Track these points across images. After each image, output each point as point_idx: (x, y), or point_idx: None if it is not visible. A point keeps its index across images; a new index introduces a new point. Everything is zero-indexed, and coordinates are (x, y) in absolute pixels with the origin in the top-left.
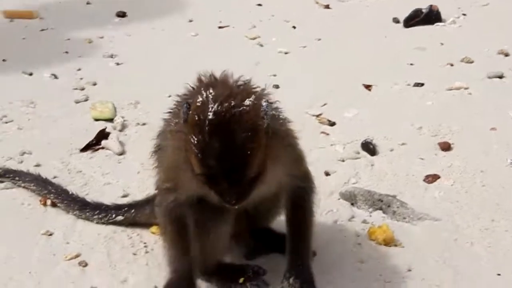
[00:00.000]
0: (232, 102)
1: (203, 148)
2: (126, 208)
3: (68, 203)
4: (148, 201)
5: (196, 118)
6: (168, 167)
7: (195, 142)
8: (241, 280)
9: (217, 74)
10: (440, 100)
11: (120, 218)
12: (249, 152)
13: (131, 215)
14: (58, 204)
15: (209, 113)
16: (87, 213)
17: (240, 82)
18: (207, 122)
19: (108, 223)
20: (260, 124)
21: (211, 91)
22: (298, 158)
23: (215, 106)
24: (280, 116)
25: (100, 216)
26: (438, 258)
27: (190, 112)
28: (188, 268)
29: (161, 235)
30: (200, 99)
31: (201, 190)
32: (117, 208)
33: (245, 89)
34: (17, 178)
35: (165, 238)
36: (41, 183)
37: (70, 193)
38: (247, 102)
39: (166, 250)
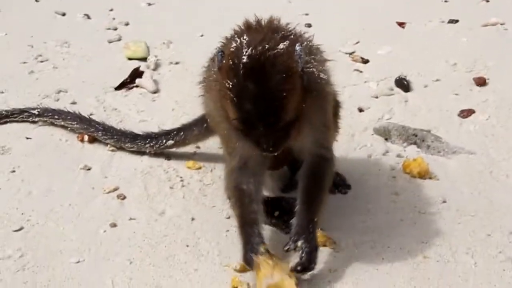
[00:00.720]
0: (266, 45)
1: (237, 91)
2: (175, 132)
3: (118, 137)
4: (196, 122)
5: (230, 63)
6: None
7: (230, 86)
8: (276, 213)
9: (251, 19)
10: (475, 36)
11: (170, 142)
12: (284, 94)
13: (181, 137)
14: (107, 141)
15: (243, 57)
16: (139, 143)
17: (274, 26)
18: (241, 65)
19: (160, 149)
20: (294, 67)
21: (245, 36)
22: (328, 126)
23: (249, 50)
24: (323, 76)
25: (151, 144)
26: (473, 190)
27: (224, 58)
28: (258, 240)
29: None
30: (234, 45)
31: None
32: (167, 133)
33: (279, 33)
34: (56, 117)
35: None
36: (85, 121)
37: (118, 128)
38: (280, 46)
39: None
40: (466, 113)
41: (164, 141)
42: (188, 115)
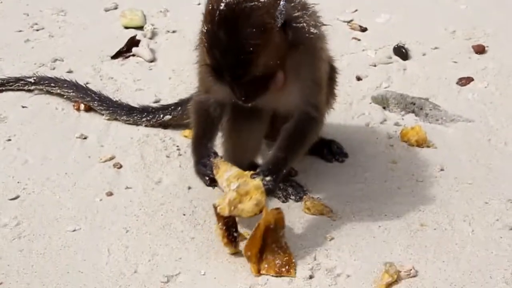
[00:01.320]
0: None
1: (209, 38)
2: (172, 107)
3: (114, 109)
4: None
5: (210, 8)
6: (199, 72)
7: (204, 31)
8: None
9: None
10: (474, 3)
11: (168, 117)
12: (253, 49)
13: (178, 112)
14: (103, 111)
15: (221, 4)
16: (135, 117)
17: None
18: (217, 13)
19: (156, 124)
20: (271, 22)
21: None
22: (318, 83)
23: None
24: (314, 31)
25: (148, 118)
26: (471, 158)
27: (208, 2)
28: (207, 151)
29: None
30: None
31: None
32: (164, 108)
33: None
34: (52, 85)
35: (191, 128)
36: (82, 90)
37: (114, 100)
38: None
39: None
40: (464, 81)
41: (161, 115)
42: (185, 84)
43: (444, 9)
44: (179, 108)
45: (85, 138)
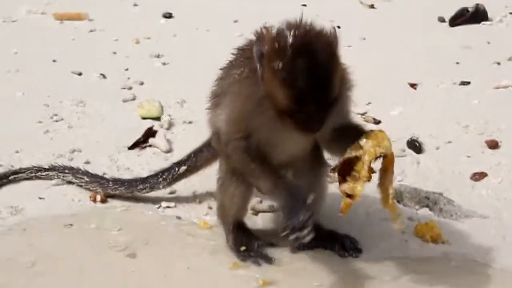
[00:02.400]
0: (306, 27)
1: (289, 70)
2: (185, 159)
3: (128, 184)
4: (204, 146)
5: (276, 46)
6: (238, 117)
7: (279, 66)
8: (242, 248)
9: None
10: (487, 98)
11: (183, 168)
12: (333, 70)
13: (193, 162)
14: (118, 190)
15: (288, 38)
16: (152, 182)
17: None
18: (288, 45)
19: (174, 179)
20: (336, 43)
21: (279, 26)
22: (348, 114)
23: (293, 32)
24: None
25: (164, 176)
26: (485, 255)
27: (265, 45)
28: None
29: (248, 176)
30: (274, 31)
31: (276, 130)
32: (178, 163)
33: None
34: (66, 171)
35: (252, 174)
36: (93, 176)
37: (124, 178)
38: (318, 27)
39: (260, 182)
40: (478, 176)
41: (177, 169)
42: (200, 176)
43: (457, 103)
44: (193, 157)
45: (100, 228)
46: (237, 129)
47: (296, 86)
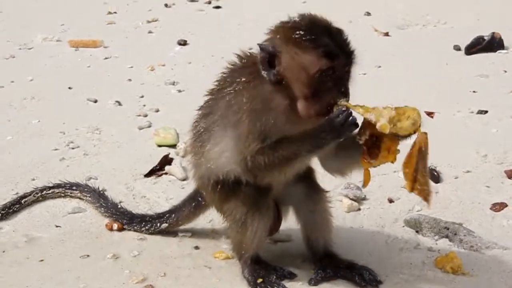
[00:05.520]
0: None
1: (312, 33)
2: (167, 215)
3: (117, 217)
4: (185, 203)
5: (289, 25)
6: (249, 125)
7: (301, 38)
8: (259, 280)
9: None
10: (506, 127)
11: (164, 225)
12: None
13: (173, 220)
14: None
15: (297, 18)
16: (135, 226)
17: None
18: (300, 21)
19: (155, 232)
20: None
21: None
22: None
23: (298, 16)
24: None
25: (147, 227)
26: (508, 287)
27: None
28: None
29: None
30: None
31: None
32: (160, 216)
33: None
34: (74, 188)
35: (285, 160)
36: (94, 195)
37: (119, 206)
38: None
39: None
40: (498, 207)
41: (158, 224)
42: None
43: (475, 132)
44: (173, 215)
45: (117, 258)
46: (252, 139)
47: (324, 43)
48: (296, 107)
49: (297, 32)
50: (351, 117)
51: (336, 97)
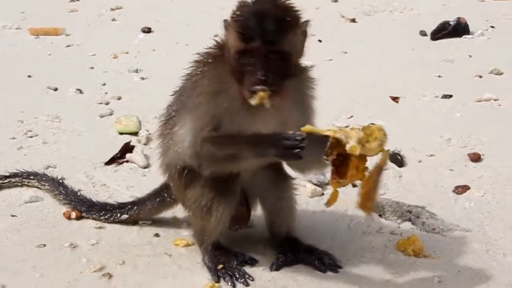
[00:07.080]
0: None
1: (241, 15)
2: (129, 206)
3: (76, 204)
4: (149, 197)
5: (237, 6)
6: (203, 106)
7: (235, 19)
8: (220, 266)
9: None
10: (469, 111)
11: (125, 216)
12: (285, 22)
13: (135, 212)
14: (66, 205)
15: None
16: (94, 214)
17: None
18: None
19: (114, 222)
20: (300, 19)
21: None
22: (312, 115)
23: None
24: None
25: (106, 216)
26: (469, 269)
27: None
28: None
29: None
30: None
31: (243, 113)
32: (121, 206)
33: None
34: (31, 177)
35: (230, 156)
36: (53, 183)
37: (78, 194)
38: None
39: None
40: (461, 189)
41: (118, 214)
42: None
43: (439, 116)
44: (135, 207)
45: (74, 247)
46: (205, 122)
47: (243, 25)
48: None
49: (234, 13)
50: (298, 150)
51: (253, 82)
